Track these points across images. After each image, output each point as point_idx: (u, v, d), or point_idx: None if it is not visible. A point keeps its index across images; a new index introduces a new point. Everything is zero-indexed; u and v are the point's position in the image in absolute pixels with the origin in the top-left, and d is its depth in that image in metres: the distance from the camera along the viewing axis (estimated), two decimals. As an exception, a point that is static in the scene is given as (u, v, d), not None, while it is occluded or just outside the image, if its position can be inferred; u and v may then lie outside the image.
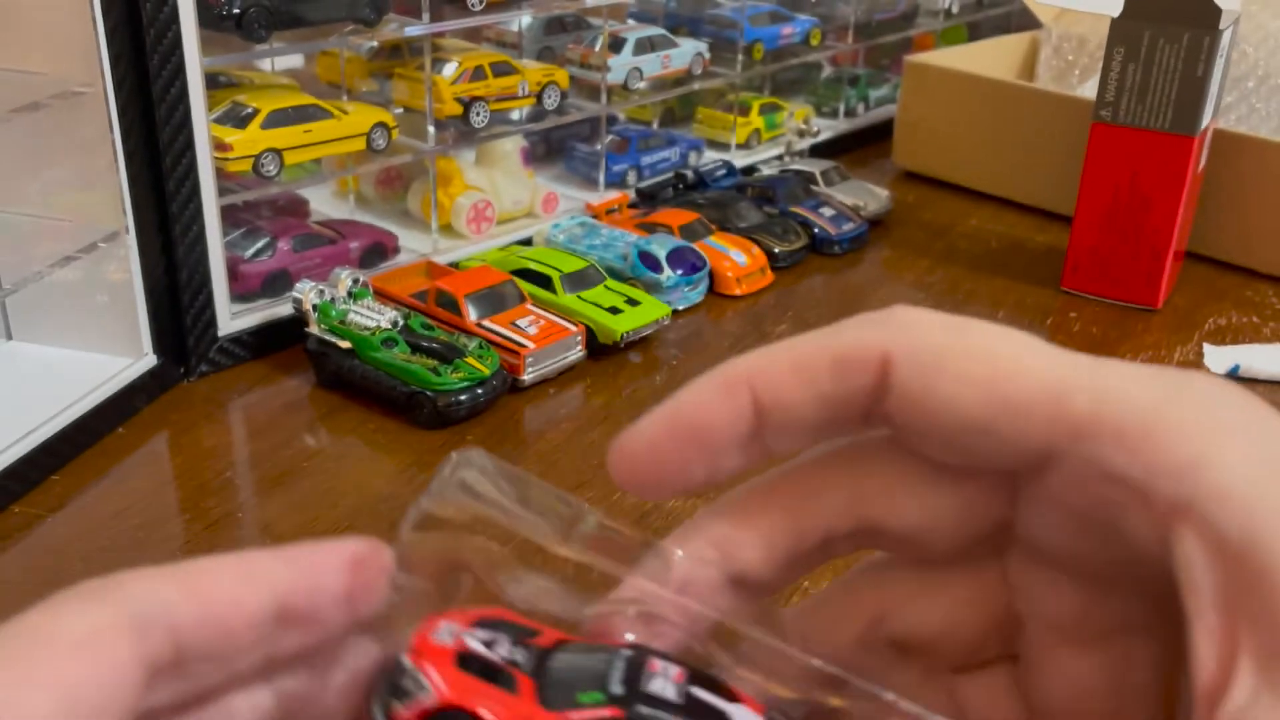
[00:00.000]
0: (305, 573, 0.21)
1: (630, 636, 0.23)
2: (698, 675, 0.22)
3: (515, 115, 0.71)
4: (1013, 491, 0.21)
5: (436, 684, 0.21)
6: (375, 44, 0.69)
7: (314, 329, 0.54)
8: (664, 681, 0.22)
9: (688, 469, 0.22)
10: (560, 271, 0.61)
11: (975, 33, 1.07)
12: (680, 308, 0.64)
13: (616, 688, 0.22)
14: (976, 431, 0.20)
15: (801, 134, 0.86)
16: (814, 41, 0.90)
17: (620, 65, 0.75)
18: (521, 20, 0.78)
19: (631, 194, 0.76)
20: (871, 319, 0.21)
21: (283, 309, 0.58)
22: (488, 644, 0.22)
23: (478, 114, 0.67)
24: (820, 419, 0.21)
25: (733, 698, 0.22)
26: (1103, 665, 0.22)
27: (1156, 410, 0.19)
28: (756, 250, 0.68)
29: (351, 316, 0.54)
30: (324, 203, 0.71)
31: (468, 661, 0.22)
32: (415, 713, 0.21)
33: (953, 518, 0.22)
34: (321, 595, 0.21)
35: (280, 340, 0.58)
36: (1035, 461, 0.20)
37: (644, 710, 0.21)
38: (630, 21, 0.80)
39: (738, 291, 0.66)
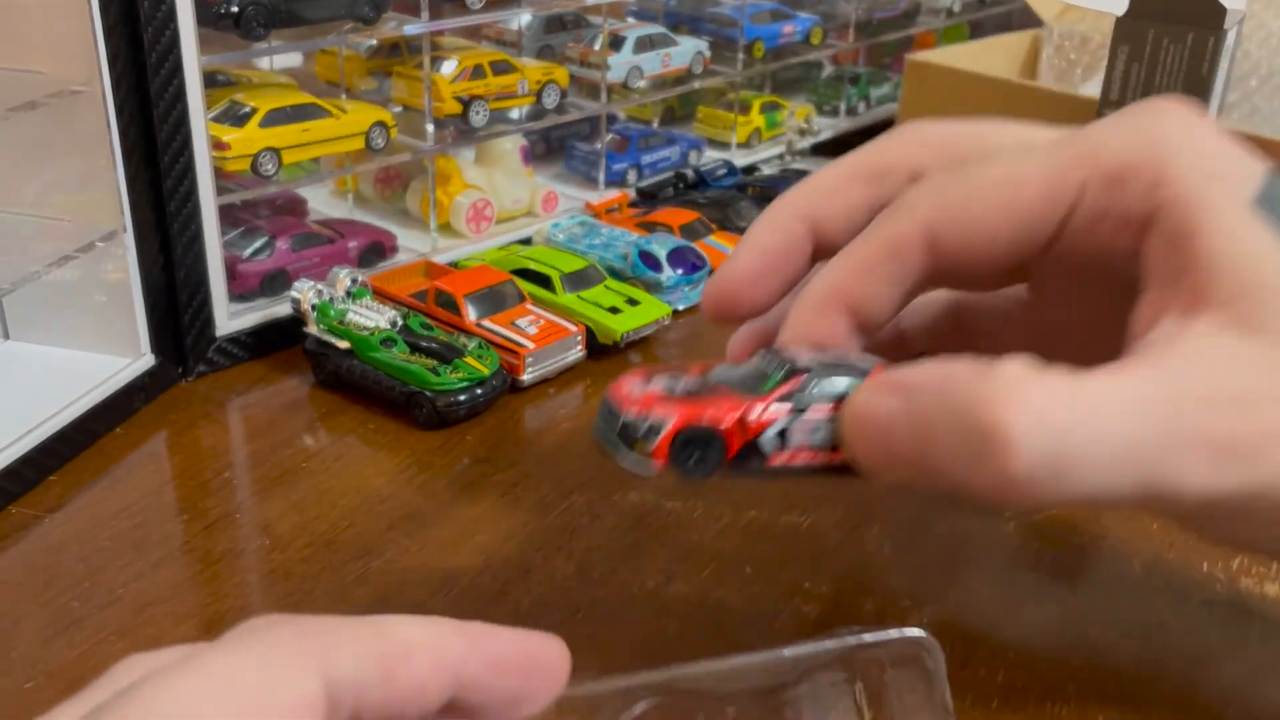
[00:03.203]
0: (488, 668, 0.21)
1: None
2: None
3: (515, 114, 0.71)
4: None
5: (664, 415, 0.27)
6: (374, 42, 0.69)
7: (312, 329, 0.54)
8: (807, 355, 0.29)
9: (770, 296, 0.32)
10: (560, 271, 0.60)
11: (977, 31, 1.06)
12: (680, 308, 0.64)
13: (779, 371, 0.28)
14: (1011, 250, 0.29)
15: (802, 133, 0.86)
16: (815, 40, 0.90)
17: (620, 64, 0.75)
18: (521, 18, 0.77)
19: (632, 193, 0.76)
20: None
21: (281, 309, 0.57)
22: (669, 383, 0.28)
23: (477, 113, 0.67)
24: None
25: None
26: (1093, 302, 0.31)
27: (1126, 151, 0.27)
28: (757, 249, 0.68)
29: (350, 316, 0.54)
30: (322, 202, 0.71)
31: (668, 395, 0.28)
32: (663, 440, 0.27)
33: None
34: (495, 695, 0.22)
35: (279, 340, 0.57)
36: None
37: (815, 369, 0.28)
38: (630, 20, 0.80)
39: (738, 291, 0.66)
